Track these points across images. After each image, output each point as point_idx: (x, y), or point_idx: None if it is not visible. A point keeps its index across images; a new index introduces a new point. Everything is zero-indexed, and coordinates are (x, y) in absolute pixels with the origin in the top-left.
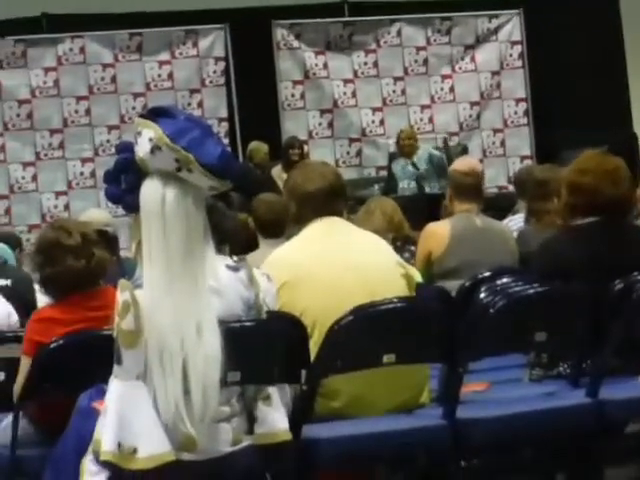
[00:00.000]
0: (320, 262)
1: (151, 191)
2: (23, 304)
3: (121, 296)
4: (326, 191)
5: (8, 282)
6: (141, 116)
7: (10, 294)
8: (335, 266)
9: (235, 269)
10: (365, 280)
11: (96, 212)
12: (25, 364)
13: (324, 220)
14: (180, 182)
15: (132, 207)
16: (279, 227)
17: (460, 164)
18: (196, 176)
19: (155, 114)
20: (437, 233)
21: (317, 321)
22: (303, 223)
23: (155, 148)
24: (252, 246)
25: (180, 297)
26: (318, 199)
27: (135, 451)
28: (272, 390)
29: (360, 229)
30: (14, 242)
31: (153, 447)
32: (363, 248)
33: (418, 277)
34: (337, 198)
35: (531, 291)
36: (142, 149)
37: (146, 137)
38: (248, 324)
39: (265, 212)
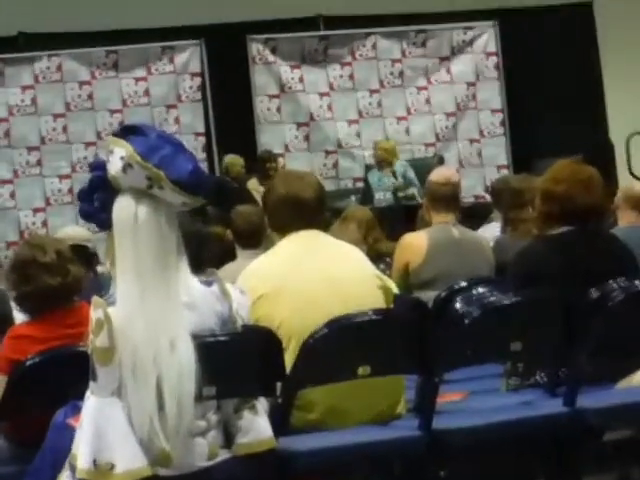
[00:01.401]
0: (298, 275)
1: (123, 208)
2: None
3: (94, 314)
4: (314, 200)
5: None
6: (113, 134)
7: None
8: (313, 280)
9: (208, 283)
10: (343, 293)
11: (76, 229)
12: (0, 381)
13: (303, 233)
14: (152, 199)
15: (105, 225)
16: (256, 238)
17: (436, 175)
18: (168, 193)
19: (127, 132)
20: (414, 244)
21: (294, 334)
22: (285, 231)
23: (127, 166)
24: (229, 257)
25: (153, 313)
26: (306, 207)
27: (112, 467)
28: (256, 400)
29: (338, 241)
30: None
31: (129, 462)
32: (341, 261)
33: (394, 289)
34: (322, 208)
35: (506, 301)
36: (114, 167)
37: (118, 155)
38: (222, 338)
39: (242, 223)
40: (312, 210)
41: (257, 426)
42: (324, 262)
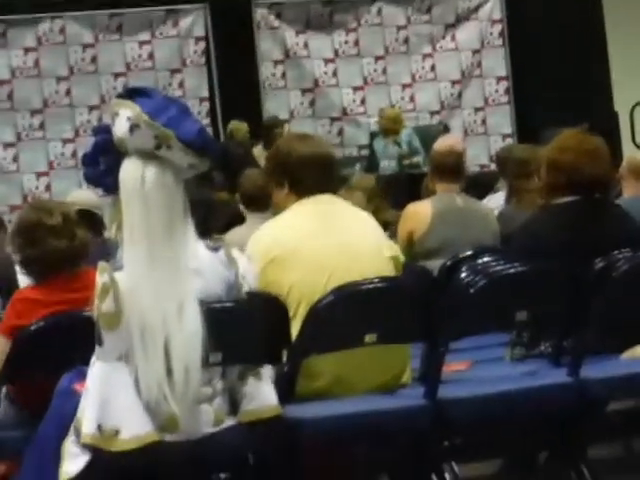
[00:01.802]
0: (311, 241)
1: (130, 171)
2: (3, 283)
3: (100, 278)
4: (332, 159)
5: None
6: (118, 96)
7: None
8: (325, 245)
9: (214, 249)
10: (354, 261)
11: (84, 193)
12: (3, 343)
13: (319, 197)
14: (160, 161)
15: (111, 188)
16: (265, 201)
17: (441, 144)
18: (175, 153)
19: (132, 94)
20: (418, 213)
21: (303, 300)
22: (306, 192)
23: (134, 127)
24: (237, 223)
25: (161, 278)
26: (328, 166)
27: (117, 432)
28: (261, 367)
29: (354, 208)
30: None
31: (135, 428)
32: (355, 229)
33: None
34: (335, 170)
35: (512, 270)
36: (120, 129)
37: (124, 116)
38: (229, 304)
39: (251, 186)
40: (333, 168)
41: (262, 393)
42: (338, 229)
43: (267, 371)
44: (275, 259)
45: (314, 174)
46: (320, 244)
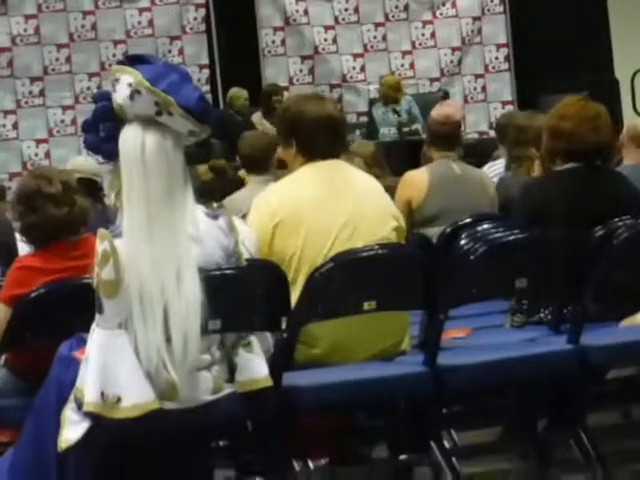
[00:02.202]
0: (315, 208)
1: (130, 138)
2: (3, 250)
3: (100, 246)
4: (343, 119)
5: None
6: (119, 62)
7: None
8: (329, 214)
9: (214, 217)
10: (357, 231)
11: (83, 160)
12: (3, 311)
13: (329, 162)
14: (160, 127)
15: (111, 155)
16: (265, 163)
17: (437, 113)
18: (176, 119)
19: (133, 61)
20: (415, 181)
21: (304, 266)
22: (317, 154)
23: (134, 93)
24: (234, 189)
25: (160, 244)
26: (339, 127)
27: (119, 400)
28: (253, 337)
29: (363, 175)
30: None
31: (137, 396)
32: (360, 197)
33: None
34: (344, 133)
35: (511, 237)
36: (120, 95)
37: (125, 82)
38: (228, 272)
39: (249, 148)
40: (343, 132)
41: (252, 364)
42: (344, 197)
43: (267, 340)
44: (279, 224)
45: (324, 137)
46: (325, 212)
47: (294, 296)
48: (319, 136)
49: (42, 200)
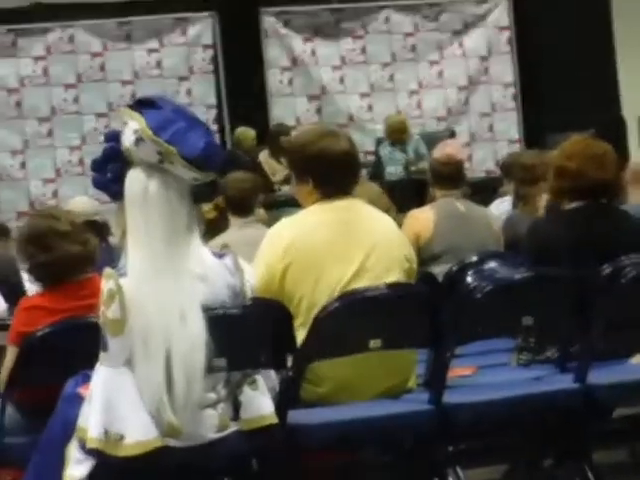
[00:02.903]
0: (327, 254)
1: (135, 181)
2: (8, 287)
3: (106, 284)
4: (356, 156)
5: None
6: (128, 106)
7: None
8: (342, 258)
9: (220, 256)
10: (368, 275)
11: (82, 201)
12: (11, 353)
13: (340, 202)
14: (163, 173)
15: (117, 195)
16: (249, 205)
17: (439, 153)
18: (178, 168)
19: (141, 105)
20: (421, 218)
21: (312, 308)
22: (325, 192)
23: (139, 140)
24: (222, 227)
25: (163, 284)
26: (352, 164)
27: (122, 438)
28: (258, 375)
29: (376, 214)
30: (2, 231)
31: (140, 433)
32: (374, 238)
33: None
34: (359, 169)
35: (518, 276)
36: (127, 139)
37: (131, 128)
38: (234, 310)
39: (235, 191)
40: (358, 168)
41: (257, 402)
42: (357, 239)
43: (272, 378)
44: (290, 266)
45: (341, 174)
46: (337, 257)
47: (300, 338)
48: (336, 174)
49: (54, 238)
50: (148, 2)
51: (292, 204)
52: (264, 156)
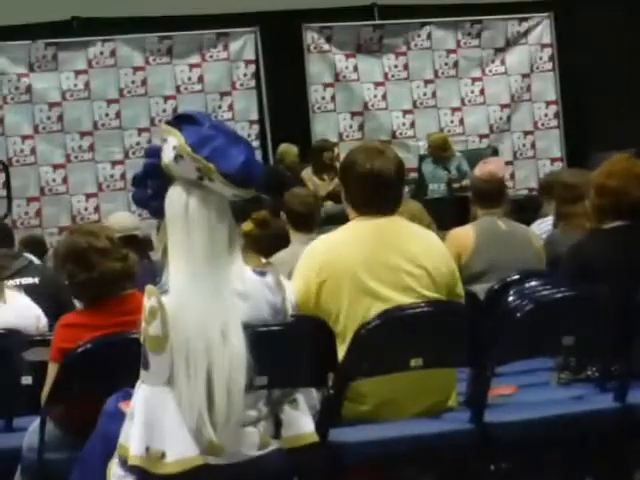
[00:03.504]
0: (362, 267)
1: (175, 198)
2: (55, 304)
3: (148, 302)
4: (394, 177)
5: (36, 280)
6: (167, 122)
7: (38, 292)
8: (378, 273)
9: (262, 273)
10: (406, 291)
11: (122, 216)
12: (52, 370)
13: (377, 219)
14: (203, 190)
15: (158, 212)
16: (312, 221)
17: (480, 171)
18: (218, 185)
19: (181, 121)
20: (462, 237)
21: (350, 325)
22: (363, 208)
23: (178, 156)
24: (280, 243)
25: (204, 302)
26: (387, 185)
27: (163, 455)
28: (298, 394)
29: (419, 231)
30: (40, 248)
31: (181, 451)
32: (412, 254)
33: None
34: (402, 184)
35: (559, 295)
36: (167, 156)
37: (171, 144)
38: (275, 327)
39: (298, 205)
40: (393, 187)
41: (297, 421)
42: (394, 256)
43: (303, 399)
44: (326, 282)
45: (370, 192)
46: (373, 274)
47: (341, 352)
48: (365, 191)
49: (94, 256)
50: (190, 17)
51: (334, 221)
52: (307, 173)
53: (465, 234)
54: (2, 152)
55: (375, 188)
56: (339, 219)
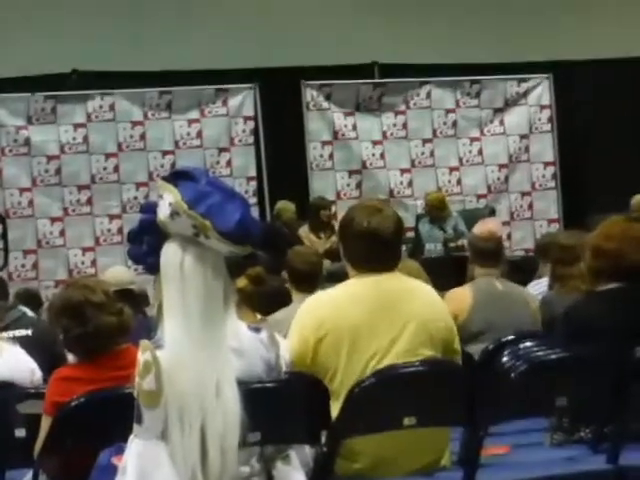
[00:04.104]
0: (360, 326)
1: (171, 254)
2: (48, 356)
3: (142, 356)
4: (392, 235)
5: (29, 332)
6: (164, 178)
7: (32, 344)
8: (374, 333)
9: (256, 330)
10: (402, 351)
11: (118, 270)
12: (46, 423)
13: (376, 277)
14: (199, 246)
15: (153, 268)
16: (314, 280)
17: (480, 229)
18: (214, 242)
19: (177, 177)
20: (460, 298)
21: (346, 382)
22: (360, 265)
23: (174, 213)
24: (275, 300)
25: (199, 358)
26: (384, 243)
27: None
28: (291, 451)
29: (416, 283)
30: (35, 301)
31: None
32: (409, 312)
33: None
34: (399, 242)
35: (553, 356)
36: (163, 212)
37: (167, 201)
38: (269, 384)
39: (301, 263)
40: (391, 245)
41: (290, 477)
42: (392, 314)
43: (296, 456)
44: (324, 339)
45: (366, 250)
46: (371, 332)
47: (334, 411)
48: (363, 249)
49: (90, 310)
50: (189, 72)
51: (332, 279)
52: (304, 231)
53: (463, 294)
54: (0, 204)
55: (373, 245)
56: (339, 276)
